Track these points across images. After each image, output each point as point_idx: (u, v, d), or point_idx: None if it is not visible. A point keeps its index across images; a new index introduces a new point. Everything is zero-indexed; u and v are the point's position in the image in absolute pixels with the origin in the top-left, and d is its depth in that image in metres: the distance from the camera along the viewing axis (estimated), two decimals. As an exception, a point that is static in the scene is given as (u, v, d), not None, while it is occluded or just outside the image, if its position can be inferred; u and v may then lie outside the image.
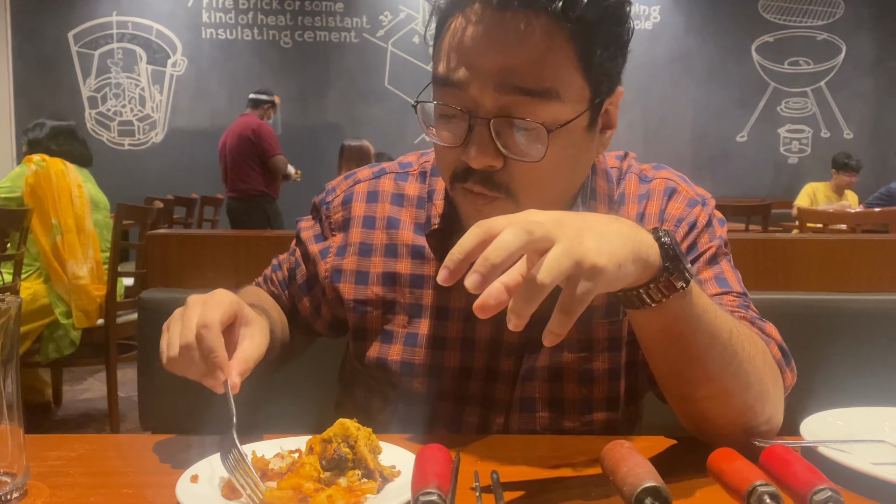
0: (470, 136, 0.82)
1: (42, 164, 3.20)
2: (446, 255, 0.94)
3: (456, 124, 0.84)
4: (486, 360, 0.96)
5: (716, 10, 7.56)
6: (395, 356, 0.97)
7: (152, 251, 1.53)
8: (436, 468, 0.60)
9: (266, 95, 5.64)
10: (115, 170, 6.58)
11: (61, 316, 3.10)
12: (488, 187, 0.83)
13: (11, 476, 0.68)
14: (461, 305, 0.96)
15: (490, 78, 0.80)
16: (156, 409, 1.41)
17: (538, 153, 0.81)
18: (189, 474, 0.69)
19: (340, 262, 1.00)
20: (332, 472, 0.69)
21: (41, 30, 7.11)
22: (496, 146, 0.81)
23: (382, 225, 1.00)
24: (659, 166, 1.02)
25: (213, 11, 7.29)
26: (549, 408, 0.96)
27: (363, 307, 0.99)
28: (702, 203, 0.98)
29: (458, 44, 0.82)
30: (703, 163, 7.57)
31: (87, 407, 3.75)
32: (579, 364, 0.95)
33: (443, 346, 0.96)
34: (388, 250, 0.99)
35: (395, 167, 1.05)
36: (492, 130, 0.81)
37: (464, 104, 0.82)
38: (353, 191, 1.03)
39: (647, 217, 0.96)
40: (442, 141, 0.85)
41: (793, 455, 0.61)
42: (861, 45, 7.63)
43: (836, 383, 1.25)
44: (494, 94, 0.80)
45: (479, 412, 0.96)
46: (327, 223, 1.03)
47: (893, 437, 0.79)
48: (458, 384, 0.96)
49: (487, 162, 0.81)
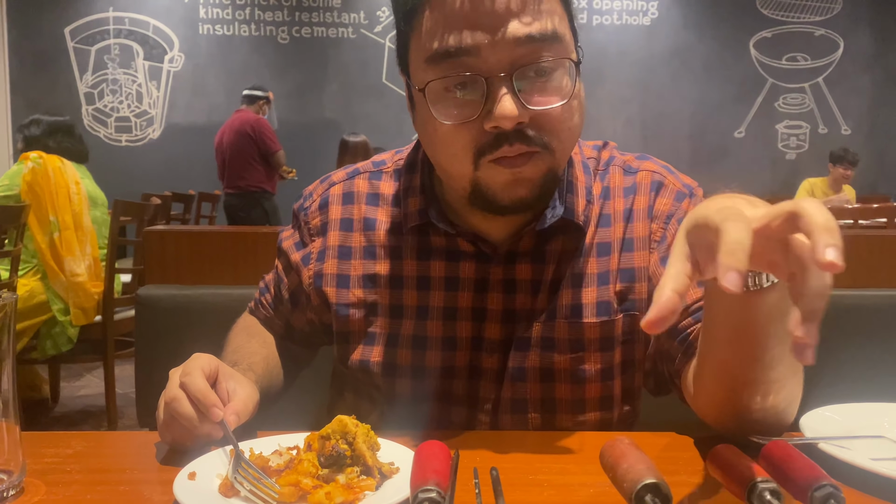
0: (491, 100, 0.79)
1: (39, 162, 3.19)
2: (425, 253, 0.95)
3: (470, 96, 0.81)
4: (468, 358, 0.95)
5: (713, 6, 7.56)
6: (377, 357, 0.96)
7: (150, 248, 1.53)
8: (435, 465, 0.59)
9: (261, 91, 5.65)
10: (112, 166, 6.57)
11: (59, 313, 3.10)
12: (526, 143, 0.81)
13: (8, 473, 0.68)
14: (440, 304, 0.95)
15: (500, 34, 0.78)
16: (154, 406, 1.40)
17: (562, 96, 0.81)
18: (187, 471, 0.68)
19: (321, 266, 0.99)
20: (330, 469, 0.69)
21: (37, 25, 7.09)
22: (520, 101, 0.79)
23: (360, 227, 0.99)
24: (643, 156, 1.01)
25: (210, 7, 7.27)
26: (542, 408, 0.94)
27: (346, 310, 0.98)
28: (689, 195, 0.96)
29: (452, 13, 0.79)
30: (701, 158, 7.58)
31: (84, 404, 3.75)
32: (571, 364, 0.93)
33: (424, 345, 0.95)
34: (367, 252, 0.98)
35: (369, 166, 1.03)
36: (514, 85, 0.79)
37: (478, 69, 0.79)
38: (328, 194, 1.02)
39: (636, 212, 0.95)
40: (458, 118, 0.82)
41: (793, 451, 0.61)
42: (859, 40, 7.63)
43: (837, 379, 1.25)
44: (508, 48, 0.78)
45: (466, 412, 0.95)
46: (306, 229, 1.02)
47: (893, 432, 0.79)
48: (442, 384, 0.95)
49: (518, 117, 0.79)
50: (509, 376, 0.94)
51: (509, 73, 0.79)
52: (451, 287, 0.95)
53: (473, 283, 0.94)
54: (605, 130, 7.42)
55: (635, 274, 0.94)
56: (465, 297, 0.94)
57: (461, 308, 0.94)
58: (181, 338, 1.20)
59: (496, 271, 0.93)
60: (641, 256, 0.94)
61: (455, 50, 0.79)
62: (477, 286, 0.94)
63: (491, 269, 0.94)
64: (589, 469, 0.71)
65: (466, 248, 0.94)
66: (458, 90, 0.82)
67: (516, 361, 0.93)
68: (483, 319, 0.94)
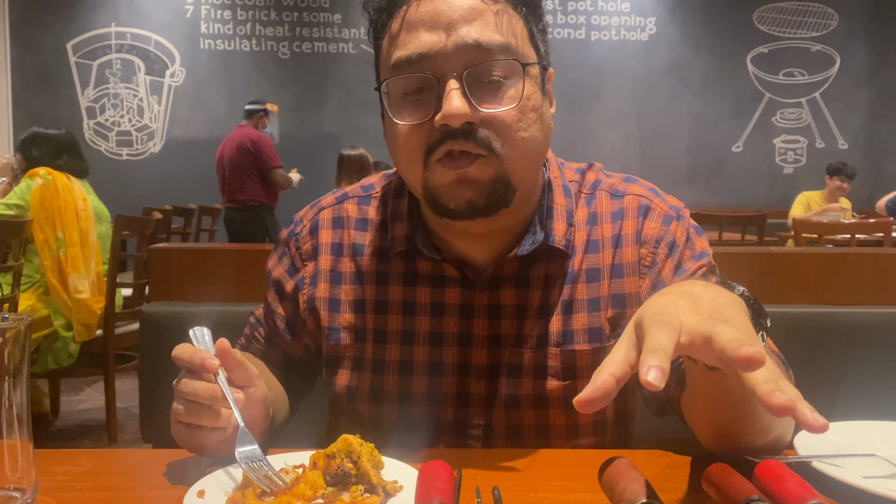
0: (442, 98, 0.83)
1: (48, 178, 3.21)
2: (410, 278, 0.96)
3: (423, 100, 0.85)
4: (456, 384, 0.95)
5: (711, 22, 7.62)
6: (365, 384, 0.97)
7: (154, 265, 1.55)
8: (439, 484, 0.61)
9: (257, 105, 5.65)
10: (113, 180, 6.59)
11: (61, 328, 3.11)
12: (471, 142, 0.83)
13: (21, 491, 0.69)
14: (426, 329, 0.96)
15: (452, 40, 0.83)
16: (157, 422, 1.42)
17: (513, 101, 0.84)
18: (196, 489, 0.70)
19: (314, 290, 1.00)
20: (336, 487, 0.71)
21: (40, 40, 7.13)
22: (471, 103, 0.83)
23: (349, 252, 1.00)
24: (629, 179, 1.01)
25: (211, 22, 7.32)
26: (536, 434, 0.95)
27: (336, 334, 0.99)
28: (676, 217, 0.97)
29: (410, 25, 0.85)
30: (698, 173, 7.61)
31: (84, 418, 3.75)
32: (565, 391, 0.94)
33: (410, 370, 0.96)
34: (356, 277, 0.99)
35: (358, 191, 1.04)
36: (464, 84, 0.83)
37: (431, 70, 0.84)
38: (318, 218, 1.03)
39: (624, 238, 0.96)
40: (412, 120, 0.86)
41: (785, 470, 0.63)
42: (855, 56, 7.69)
43: (830, 396, 1.27)
44: (459, 52, 0.83)
45: (454, 438, 0.96)
46: (297, 254, 1.03)
47: (884, 450, 0.81)
48: (429, 410, 0.96)
49: (465, 113, 0.82)
50: (502, 403, 0.94)
51: (460, 73, 0.83)
52: (436, 313, 0.95)
53: (459, 309, 0.95)
54: (603, 145, 7.46)
55: (626, 300, 0.94)
56: (451, 322, 0.95)
57: (447, 334, 0.95)
58: (186, 355, 1.22)
59: (481, 297, 0.94)
60: (632, 282, 0.95)
61: (412, 56, 0.84)
62: (462, 312, 0.95)
63: (476, 294, 0.94)
64: (587, 487, 0.73)
65: (452, 273, 0.95)
66: (414, 94, 0.86)
67: (509, 388, 0.94)
68: (469, 345, 0.95)
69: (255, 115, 5.61)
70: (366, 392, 0.97)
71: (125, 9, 7.24)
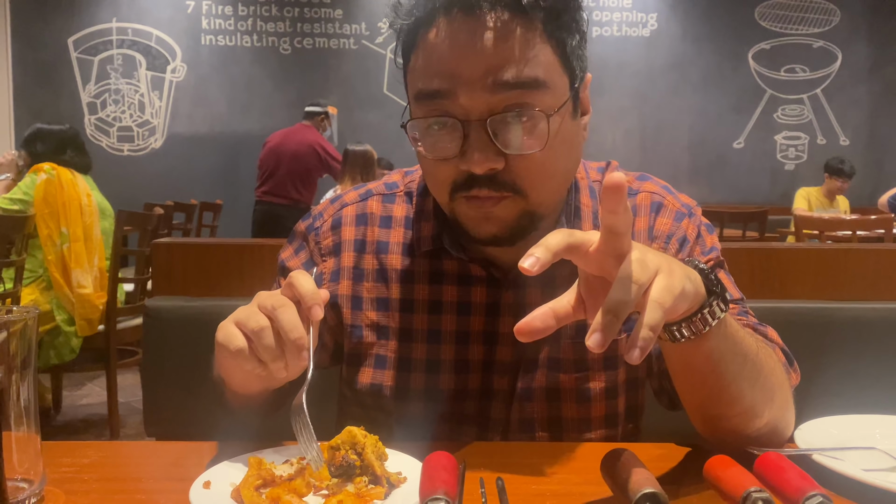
0: (467, 143, 0.82)
1: (53, 173, 3.22)
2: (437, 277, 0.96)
3: (449, 136, 0.84)
4: (480, 380, 0.96)
5: (713, 18, 7.61)
6: (389, 381, 0.97)
7: (158, 260, 1.55)
8: (443, 475, 0.62)
9: (318, 107, 5.49)
10: (115, 175, 6.59)
11: (63, 323, 3.11)
12: (494, 188, 0.84)
13: (29, 482, 0.70)
14: (452, 328, 0.96)
15: (477, 80, 0.80)
16: (160, 416, 1.43)
17: (539, 142, 0.82)
18: (201, 481, 0.70)
19: (335, 287, 0.99)
20: (340, 479, 0.71)
21: (41, 36, 7.12)
22: (496, 147, 0.82)
23: (372, 249, 1.00)
24: (643, 177, 1.02)
25: (212, 18, 7.31)
26: (549, 427, 0.96)
27: (360, 332, 0.99)
28: (688, 214, 0.98)
29: (436, 56, 0.83)
30: (700, 169, 7.60)
31: (86, 412, 3.76)
32: (576, 384, 0.95)
33: (437, 369, 0.96)
34: (379, 275, 0.99)
35: (382, 188, 1.04)
36: (489, 131, 0.81)
37: (455, 113, 0.82)
38: (341, 214, 1.02)
39: (637, 234, 0.97)
40: (437, 155, 0.85)
41: (786, 462, 0.64)
42: (857, 52, 7.67)
43: (831, 390, 1.27)
44: (484, 95, 0.81)
45: (476, 431, 0.97)
46: (317, 249, 1.02)
47: (884, 444, 0.81)
48: (453, 405, 0.96)
49: (490, 164, 0.82)
50: (517, 397, 0.95)
51: (484, 118, 0.81)
52: (463, 311, 0.96)
53: (485, 308, 0.96)
54: (604, 141, 7.45)
55: None
56: (478, 321, 0.96)
57: (473, 332, 0.96)
58: (188, 349, 1.23)
59: (507, 296, 0.95)
60: None
61: (435, 92, 0.83)
62: (489, 310, 0.96)
63: (502, 293, 0.95)
64: (590, 479, 0.73)
65: (478, 272, 0.96)
66: (437, 127, 0.85)
67: (525, 382, 0.95)
68: (494, 343, 0.96)
69: (316, 116, 5.45)
70: (391, 390, 0.97)
71: (126, 4, 7.23)
